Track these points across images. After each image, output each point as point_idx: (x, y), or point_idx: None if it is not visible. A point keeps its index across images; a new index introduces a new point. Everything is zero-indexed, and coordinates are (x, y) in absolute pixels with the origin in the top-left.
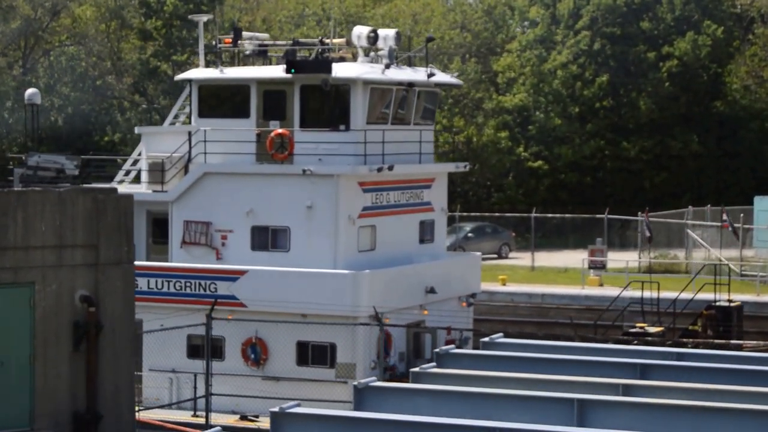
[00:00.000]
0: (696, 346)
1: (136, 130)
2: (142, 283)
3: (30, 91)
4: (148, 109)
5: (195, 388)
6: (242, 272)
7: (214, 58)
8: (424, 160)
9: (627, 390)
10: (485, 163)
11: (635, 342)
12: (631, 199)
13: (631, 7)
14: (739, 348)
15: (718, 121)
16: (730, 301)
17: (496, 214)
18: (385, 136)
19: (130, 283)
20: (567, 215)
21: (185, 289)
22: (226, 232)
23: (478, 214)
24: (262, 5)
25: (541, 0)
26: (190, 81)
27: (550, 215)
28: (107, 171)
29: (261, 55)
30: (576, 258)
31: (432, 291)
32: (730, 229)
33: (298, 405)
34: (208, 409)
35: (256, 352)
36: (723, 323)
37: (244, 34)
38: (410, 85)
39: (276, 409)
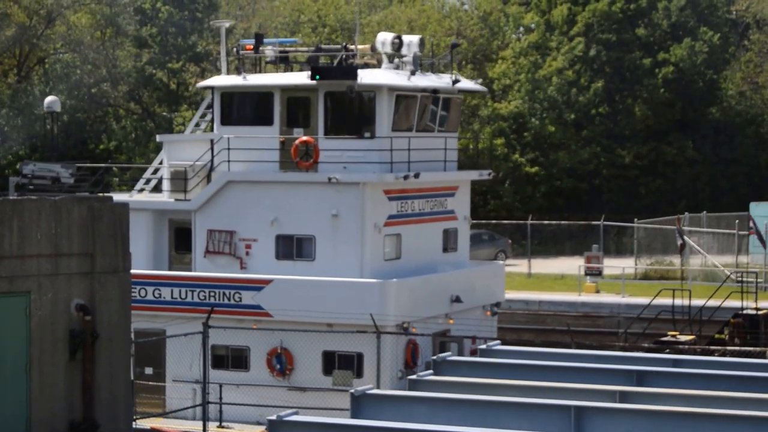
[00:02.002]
0: (723, 354)
1: (158, 138)
2: (165, 293)
3: (49, 98)
4: (144, 116)
5: (220, 398)
6: (267, 281)
7: (235, 63)
8: (448, 167)
9: (624, 397)
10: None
11: (667, 351)
12: (627, 206)
13: (627, 13)
14: (764, 355)
15: (714, 128)
16: (757, 309)
17: (493, 221)
18: (410, 143)
19: (126, 291)
20: (563, 222)
21: (209, 299)
22: (250, 241)
23: (474, 221)
24: (258, 12)
25: (536, 6)
26: (212, 88)
27: (546, 222)
28: (105, 179)
29: (282, 62)
30: (572, 265)
31: (457, 300)
32: (755, 234)
33: (296, 413)
34: (205, 418)
35: (281, 362)
36: (750, 331)
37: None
38: (435, 91)
39: (273, 418)
